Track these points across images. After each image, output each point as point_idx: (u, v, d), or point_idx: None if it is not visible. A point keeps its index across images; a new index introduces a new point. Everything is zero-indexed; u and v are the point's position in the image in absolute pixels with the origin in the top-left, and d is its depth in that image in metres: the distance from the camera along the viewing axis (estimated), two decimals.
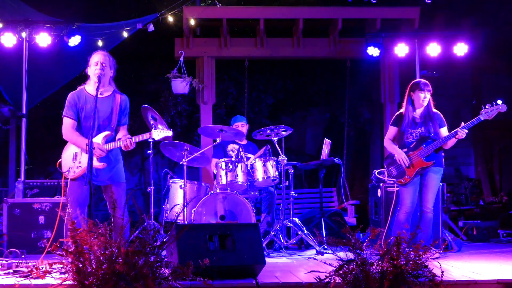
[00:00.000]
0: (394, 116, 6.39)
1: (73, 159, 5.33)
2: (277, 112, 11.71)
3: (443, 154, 6.21)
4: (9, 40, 7.93)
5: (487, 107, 5.92)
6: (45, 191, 7.32)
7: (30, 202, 6.92)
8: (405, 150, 6.13)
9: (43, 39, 7.95)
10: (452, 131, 5.98)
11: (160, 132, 5.45)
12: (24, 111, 7.98)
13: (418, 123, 6.17)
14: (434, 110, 6.23)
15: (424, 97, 6.14)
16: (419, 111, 6.20)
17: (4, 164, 10.81)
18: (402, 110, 6.29)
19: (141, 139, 5.36)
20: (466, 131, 5.93)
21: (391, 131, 6.33)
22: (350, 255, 4.21)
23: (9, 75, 8.58)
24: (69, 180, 5.33)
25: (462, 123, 5.93)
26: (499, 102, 5.90)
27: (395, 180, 6.16)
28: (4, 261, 5.24)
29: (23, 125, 7.99)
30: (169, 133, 5.47)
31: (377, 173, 6.22)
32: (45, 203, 6.90)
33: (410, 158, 6.07)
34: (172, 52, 9.07)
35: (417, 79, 6.34)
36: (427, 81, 6.24)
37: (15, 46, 8.00)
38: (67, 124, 5.34)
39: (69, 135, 5.33)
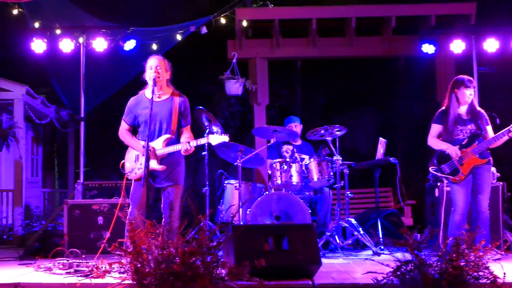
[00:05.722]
0: (436, 114, 6.21)
1: (135, 160, 5.47)
2: (329, 112, 11.64)
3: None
4: (67, 45, 8.16)
5: None
6: (103, 193, 7.47)
7: (89, 203, 7.09)
8: (457, 147, 5.98)
9: (99, 44, 8.14)
10: (504, 129, 5.81)
11: (217, 137, 5.49)
12: (82, 115, 8.18)
13: (467, 120, 6.01)
14: (478, 108, 6.08)
15: (470, 94, 5.99)
16: (463, 108, 6.04)
17: (64, 167, 11.13)
18: (444, 108, 6.14)
19: (198, 144, 5.41)
20: None
21: (435, 129, 6.15)
22: (408, 256, 4.14)
23: (68, 80, 8.82)
24: (132, 181, 5.49)
25: None
26: None
27: (449, 177, 6.00)
28: (65, 261, 5.40)
29: (82, 129, 8.18)
30: (226, 138, 5.50)
31: (433, 170, 6.05)
32: (104, 204, 7.05)
33: (463, 155, 5.92)
34: (224, 53, 9.13)
35: (461, 76, 6.17)
36: (471, 78, 6.09)
37: (72, 51, 8.23)
38: (121, 127, 5.63)
39: (122, 137, 5.60)
